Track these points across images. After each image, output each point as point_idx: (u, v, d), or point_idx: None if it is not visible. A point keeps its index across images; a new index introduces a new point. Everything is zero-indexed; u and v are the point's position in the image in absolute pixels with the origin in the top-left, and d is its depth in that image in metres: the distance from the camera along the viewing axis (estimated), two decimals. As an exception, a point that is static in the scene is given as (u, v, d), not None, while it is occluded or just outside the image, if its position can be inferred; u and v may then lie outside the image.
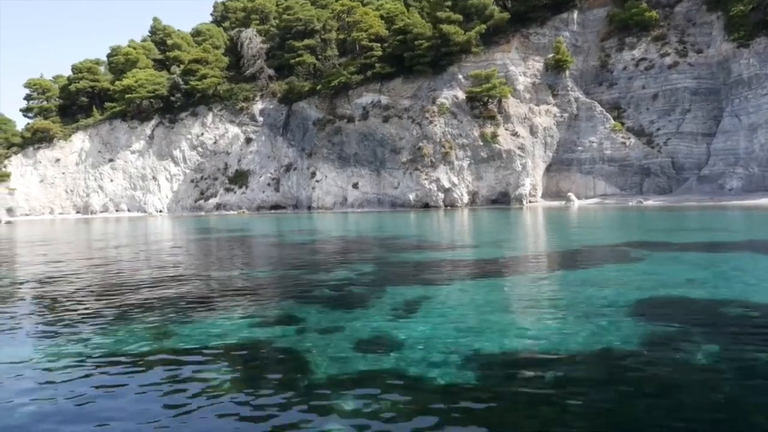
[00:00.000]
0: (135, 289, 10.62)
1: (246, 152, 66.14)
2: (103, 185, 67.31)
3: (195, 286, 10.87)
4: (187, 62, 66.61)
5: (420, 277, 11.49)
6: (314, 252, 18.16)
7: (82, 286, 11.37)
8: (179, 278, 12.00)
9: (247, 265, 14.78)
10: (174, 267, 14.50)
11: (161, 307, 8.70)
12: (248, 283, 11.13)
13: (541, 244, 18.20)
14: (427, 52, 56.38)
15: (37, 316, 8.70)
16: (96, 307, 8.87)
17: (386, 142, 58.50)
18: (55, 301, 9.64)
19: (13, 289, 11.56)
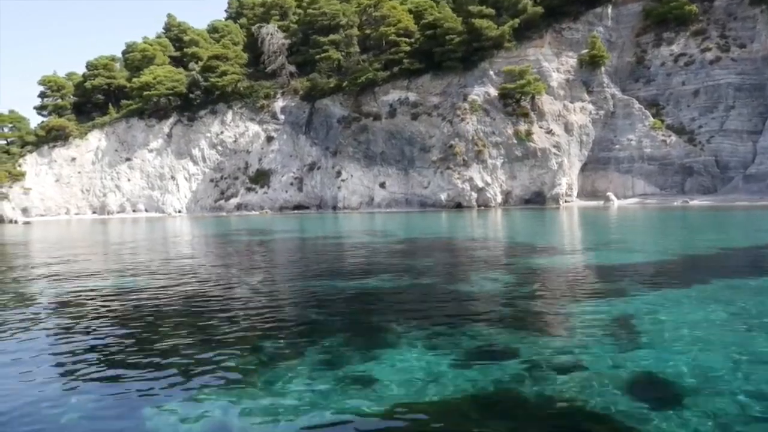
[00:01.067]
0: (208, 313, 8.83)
1: (267, 151, 64.35)
2: (120, 185, 65.49)
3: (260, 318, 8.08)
4: (207, 58, 64.82)
5: (583, 288, 9.71)
6: (410, 255, 16.37)
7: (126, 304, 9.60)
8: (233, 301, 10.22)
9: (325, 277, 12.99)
10: (224, 286, 12.70)
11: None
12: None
13: (664, 246, 16.38)
14: (458, 48, 54.69)
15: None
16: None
17: (415, 140, 56.75)
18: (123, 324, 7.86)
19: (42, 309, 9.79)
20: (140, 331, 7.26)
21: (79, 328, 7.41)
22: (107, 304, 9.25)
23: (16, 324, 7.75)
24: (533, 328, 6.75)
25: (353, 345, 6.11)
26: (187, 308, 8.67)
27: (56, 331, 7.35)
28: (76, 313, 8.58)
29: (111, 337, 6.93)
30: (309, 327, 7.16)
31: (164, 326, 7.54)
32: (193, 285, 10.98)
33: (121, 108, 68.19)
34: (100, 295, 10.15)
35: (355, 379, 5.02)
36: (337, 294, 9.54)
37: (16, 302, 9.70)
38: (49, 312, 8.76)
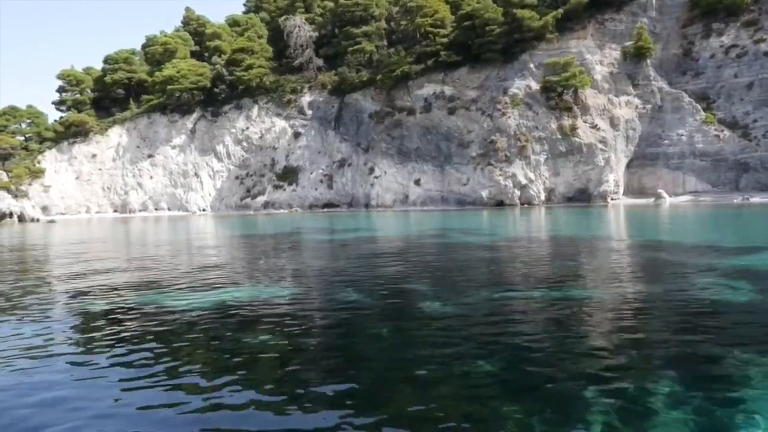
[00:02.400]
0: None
1: (294, 147, 62.20)
2: (142, 182, 63.35)
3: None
4: (232, 52, 62.66)
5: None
6: (540, 261, 14.22)
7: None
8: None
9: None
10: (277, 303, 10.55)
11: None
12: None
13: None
14: (498, 39, 52.58)
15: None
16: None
17: (452, 135, 54.60)
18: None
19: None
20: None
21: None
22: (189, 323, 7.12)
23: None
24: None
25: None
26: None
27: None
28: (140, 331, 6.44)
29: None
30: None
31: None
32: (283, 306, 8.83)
33: (142, 103, 66.10)
34: (167, 312, 8.04)
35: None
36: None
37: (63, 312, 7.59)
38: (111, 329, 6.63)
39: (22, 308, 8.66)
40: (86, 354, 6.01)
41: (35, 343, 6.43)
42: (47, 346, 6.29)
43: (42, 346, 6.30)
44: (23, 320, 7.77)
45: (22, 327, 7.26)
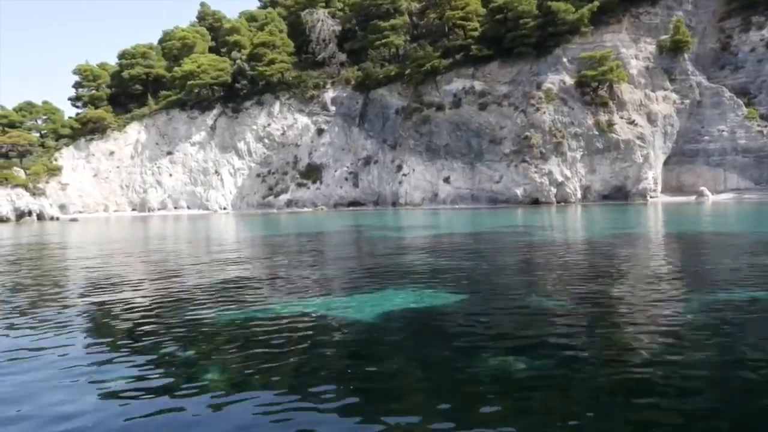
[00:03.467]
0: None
1: (318, 144, 60.73)
2: (162, 180, 61.82)
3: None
4: (253, 46, 61.12)
5: None
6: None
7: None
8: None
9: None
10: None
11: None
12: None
13: None
14: (531, 33, 51.09)
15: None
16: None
17: (483, 131, 53.16)
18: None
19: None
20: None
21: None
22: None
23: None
24: None
25: None
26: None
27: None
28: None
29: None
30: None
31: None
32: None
33: (160, 99, 64.58)
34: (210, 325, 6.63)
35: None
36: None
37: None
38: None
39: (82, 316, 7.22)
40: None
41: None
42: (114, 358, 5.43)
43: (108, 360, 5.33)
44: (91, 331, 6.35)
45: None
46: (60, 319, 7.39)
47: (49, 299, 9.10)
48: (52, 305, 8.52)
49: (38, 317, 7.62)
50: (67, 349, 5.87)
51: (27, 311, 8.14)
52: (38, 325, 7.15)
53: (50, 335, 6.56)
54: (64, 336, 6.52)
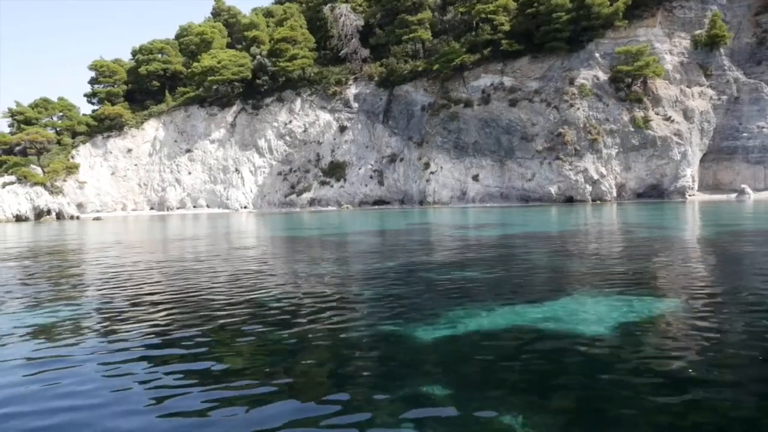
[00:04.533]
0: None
1: (340, 141, 59.41)
2: (180, 178, 60.43)
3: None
4: (275, 41, 59.75)
5: None
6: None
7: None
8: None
9: None
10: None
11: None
12: None
13: None
14: (565, 27, 49.85)
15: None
16: None
17: (514, 128, 51.90)
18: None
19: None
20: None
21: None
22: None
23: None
24: None
25: None
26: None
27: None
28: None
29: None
30: None
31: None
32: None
33: (177, 95, 63.20)
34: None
35: None
36: None
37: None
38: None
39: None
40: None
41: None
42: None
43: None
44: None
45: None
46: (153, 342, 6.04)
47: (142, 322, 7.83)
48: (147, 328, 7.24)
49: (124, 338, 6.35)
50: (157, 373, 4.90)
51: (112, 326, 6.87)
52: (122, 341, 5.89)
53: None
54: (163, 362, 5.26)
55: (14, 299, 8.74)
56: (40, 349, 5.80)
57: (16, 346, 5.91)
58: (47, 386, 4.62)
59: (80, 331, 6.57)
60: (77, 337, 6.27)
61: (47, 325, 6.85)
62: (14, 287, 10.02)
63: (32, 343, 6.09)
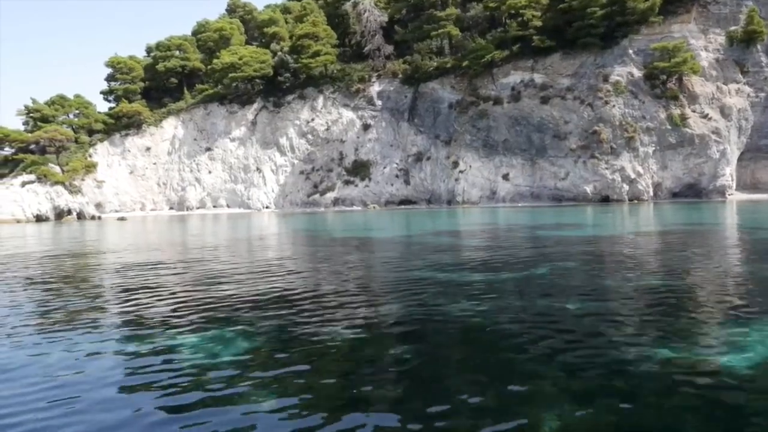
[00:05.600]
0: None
1: (364, 140, 58.19)
2: (200, 177, 59.10)
3: None
4: (297, 38, 58.47)
5: None
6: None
7: None
8: None
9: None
10: None
11: None
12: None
13: None
14: (599, 23, 48.76)
15: None
16: None
17: (545, 126, 50.79)
18: None
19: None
20: None
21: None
22: None
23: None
24: None
25: None
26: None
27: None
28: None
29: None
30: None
31: None
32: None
33: (196, 92, 61.87)
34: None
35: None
36: None
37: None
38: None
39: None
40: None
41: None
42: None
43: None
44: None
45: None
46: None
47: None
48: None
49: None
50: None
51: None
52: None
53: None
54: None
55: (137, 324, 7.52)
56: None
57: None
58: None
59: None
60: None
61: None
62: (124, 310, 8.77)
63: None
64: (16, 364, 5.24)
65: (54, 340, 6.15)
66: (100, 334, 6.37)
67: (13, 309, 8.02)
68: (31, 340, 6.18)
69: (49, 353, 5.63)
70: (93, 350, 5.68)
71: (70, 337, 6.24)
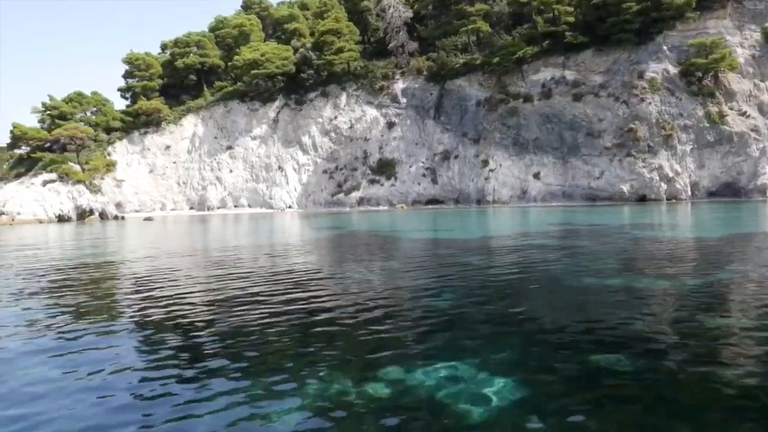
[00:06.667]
0: None
1: (389, 138, 57.05)
2: (221, 176, 57.85)
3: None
4: (320, 34, 57.25)
5: None
6: None
7: None
8: None
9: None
10: None
11: None
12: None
13: None
14: (634, 18, 47.75)
15: None
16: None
17: (578, 124, 49.76)
18: None
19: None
20: None
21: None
22: None
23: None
24: None
25: None
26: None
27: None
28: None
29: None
30: None
31: None
32: None
33: (215, 90, 60.61)
34: None
35: None
36: None
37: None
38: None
39: None
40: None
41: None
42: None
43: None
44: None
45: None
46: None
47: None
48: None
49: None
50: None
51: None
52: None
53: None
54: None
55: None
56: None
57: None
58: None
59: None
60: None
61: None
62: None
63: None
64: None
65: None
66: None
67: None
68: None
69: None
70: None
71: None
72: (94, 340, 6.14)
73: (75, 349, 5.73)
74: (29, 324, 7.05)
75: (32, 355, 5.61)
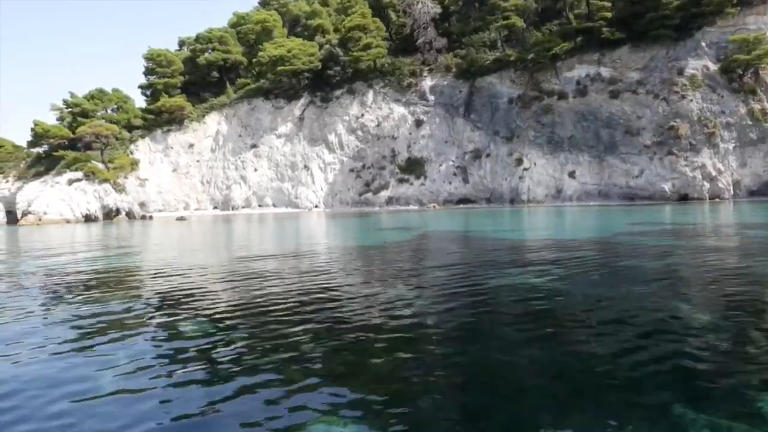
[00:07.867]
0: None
1: (417, 136, 55.97)
2: (246, 175, 56.65)
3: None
4: (346, 30, 56.11)
5: None
6: None
7: None
8: None
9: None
10: None
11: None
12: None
13: None
14: (674, 14, 46.79)
15: None
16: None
17: (615, 122, 48.77)
18: None
19: None
20: None
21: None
22: None
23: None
24: None
25: None
26: None
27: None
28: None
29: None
30: None
31: None
32: None
33: (238, 87, 59.36)
34: None
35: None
36: None
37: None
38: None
39: None
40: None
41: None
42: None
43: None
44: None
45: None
46: None
47: None
48: None
49: None
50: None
51: None
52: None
53: None
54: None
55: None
56: None
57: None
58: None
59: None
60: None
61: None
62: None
63: None
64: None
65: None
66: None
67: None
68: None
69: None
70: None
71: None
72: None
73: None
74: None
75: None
